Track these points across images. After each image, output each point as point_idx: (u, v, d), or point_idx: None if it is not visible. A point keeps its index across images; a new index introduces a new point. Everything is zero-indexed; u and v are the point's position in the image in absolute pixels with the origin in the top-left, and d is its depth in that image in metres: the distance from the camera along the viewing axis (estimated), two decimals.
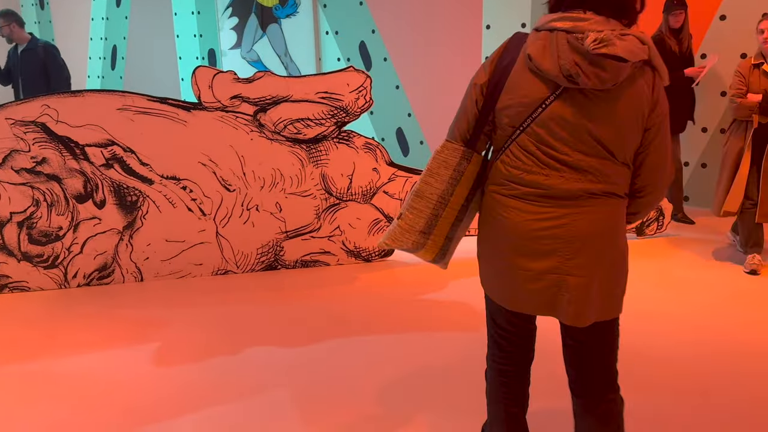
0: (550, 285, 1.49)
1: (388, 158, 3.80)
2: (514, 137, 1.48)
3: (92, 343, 2.81)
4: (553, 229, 1.46)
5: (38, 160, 3.36)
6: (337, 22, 6.78)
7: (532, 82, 1.44)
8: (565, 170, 1.44)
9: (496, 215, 1.53)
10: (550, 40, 1.41)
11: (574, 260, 1.46)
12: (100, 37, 9.38)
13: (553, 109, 1.42)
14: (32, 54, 6.39)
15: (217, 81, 3.48)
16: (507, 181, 1.51)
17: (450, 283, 3.50)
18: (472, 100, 1.56)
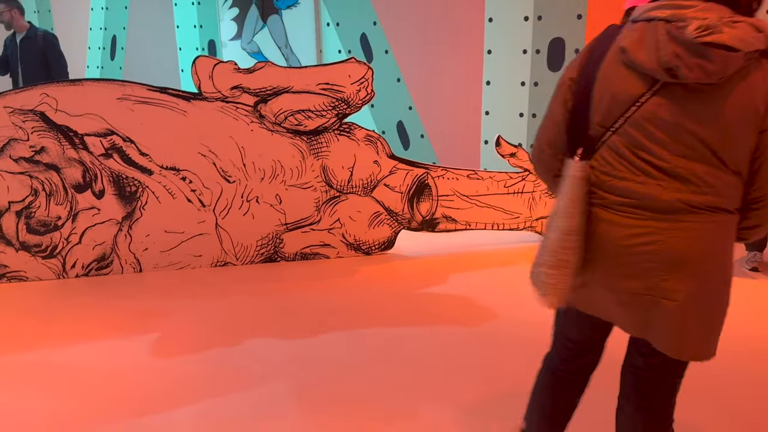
0: (642, 308, 1.34)
1: (389, 151, 3.78)
2: (605, 139, 1.34)
3: (90, 333, 2.80)
4: (648, 246, 1.30)
5: (37, 149, 3.33)
6: (339, 14, 6.74)
7: (625, 78, 1.30)
8: (662, 178, 1.28)
9: (593, 228, 1.37)
10: (647, 31, 1.28)
11: (669, 282, 1.30)
12: (99, 27, 9.32)
13: (649, 107, 1.28)
14: (31, 42, 6.35)
15: (218, 71, 3.45)
16: (596, 189, 1.37)
17: (451, 277, 3.49)
18: (559, 101, 1.43)
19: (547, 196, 3.98)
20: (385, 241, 3.89)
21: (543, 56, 5.47)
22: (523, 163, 3.90)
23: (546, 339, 1.79)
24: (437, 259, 3.80)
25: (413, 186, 3.83)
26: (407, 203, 3.85)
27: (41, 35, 6.50)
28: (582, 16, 5.21)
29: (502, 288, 3.30)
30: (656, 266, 1.30)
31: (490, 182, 3.91)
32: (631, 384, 1.50)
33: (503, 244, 4.04)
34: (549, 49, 5.42)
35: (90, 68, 9.61)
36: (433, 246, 4.00)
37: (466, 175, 3.87)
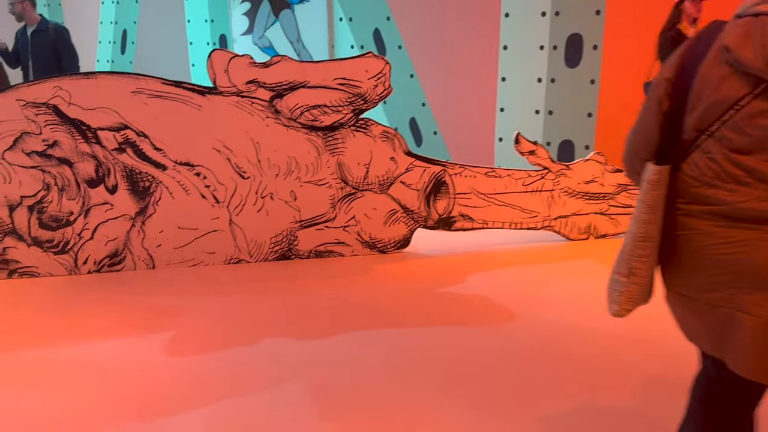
0: (718, 321, 1.26)
1: (405, 147, 3.71)
2: (698, 143, 1.27)
3: (104, 330, 2.75)
4: (732, 255, 1.23)
5: (49, 143, 3.28)
6: (351, 9, 6.67)
7: (726, 78, 1.22)
8: (754, 185, 1.20)
9: (676, 234, 1.32)
10: (754, 27, 1.18)
11: (752, 296, 1.21)
12: (110, 21, 9.28)
13: (749, 110, 1.19)
14: (43, 36, 6.31)
15: (233, 65, 3.39)
16: (682, 195, 1.30)
17: (468, 277, 3.42)
18: (654, 102, 1.35)
19: (567, 194, 3.90)
20: (401, 239, 3.83)
21: (560, 52, 5.38)
22: (542, 160, 3.82)
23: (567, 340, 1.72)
24: (454, 259, 3.73)
25: (430, 183, 3.76)
26: (424, 201, 3.78)
27: (53, 28, 6.46)
28: (600, 11, 5.12)
29: (521, 288, 3.23)
30: (738, 278, 1.23)
31: (509, 180, 3.83)
32: (698, 399, 1.40)
33: (521, 244, 3.97)
34: (567, 45, 5.33)
35: (100, 62, 9.58)
36: (449, 245, 3.93)
37: (484, 172, 3.79)
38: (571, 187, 3.91)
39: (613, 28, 5.07)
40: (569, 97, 5.41)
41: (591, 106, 5.33)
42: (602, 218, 4.01)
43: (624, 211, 4.02)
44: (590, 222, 4.00)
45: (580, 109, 5.39)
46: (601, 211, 3.99)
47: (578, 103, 5.38)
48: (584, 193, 3.93)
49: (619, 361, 2.42)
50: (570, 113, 5.44)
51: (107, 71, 3.35)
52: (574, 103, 5.40)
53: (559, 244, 3.96)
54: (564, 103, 5.43)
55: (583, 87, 5.33)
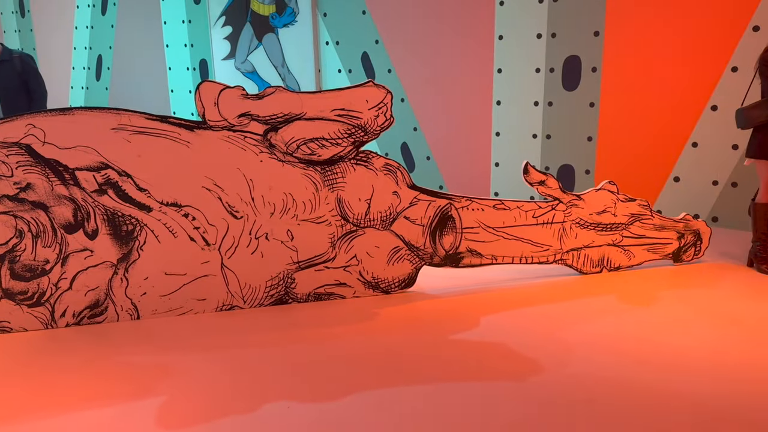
0: None
1: (409, 181, 3.48)
2: None
3: (85, 398, 2.44)
4: None
5: (22, 186, 2.98)
6: (338, 32, 6.47)
7: None
8: None
9: None
10: None
11: None
12: (84, 46, 8.98)
13: None
14: (9, 67, 5.98)
15: (224, 97, 3.14)
16: None
17: (482, 321, 3.18)
18: None
19: (578, 226, 3.70)
20: (406, 278, 3.58)
21: (557, 75, 5.23)
22: (552, 191, 3.62)
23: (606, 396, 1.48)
24: (464, 299, 3.49)
25: (435, 218, 3.53)
26: (429, 237, 3.54)
27: (18, 57, 6.13)
28: (599, 32, 4.98)
29: (542, 331, 3.00)
30: None
31: (518, 212, 3.62)
32: None
33: (533, 279, 3.75)
34: (564, 67, 5.18)
35: (74, 89, 9.25)
36: (457, 282, 3.69)
37: (492, 205, 3.57)
38: (583, 218, 3.71)
39: (613, 49, 4.93)
40: (568, 120, 5.25)
41: (591, 129, 5.17)
42: (615, 250, 3.81)
43: (637, 241, 3.83)
44: (603, 254, 3.80)
45: (579, 132, 5.23)
46: (614, 242, 3.80)
47: (577, 127, 5.23)
48: (596, 224, 3.73)
49: (672, 420, 2.19)
50: (569, 137, 5.28)
51: (85, 107, 3.07)
52: (573, 126, 5.24)
53: (572, 278, 3.75)
54: (562, 126, 5.28)
55: (583, 110, 5.18)
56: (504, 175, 5.69)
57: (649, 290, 3.55)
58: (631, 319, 3.12)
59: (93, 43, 8.78)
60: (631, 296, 3.48)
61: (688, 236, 3.93)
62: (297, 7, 6.64)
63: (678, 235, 3.91)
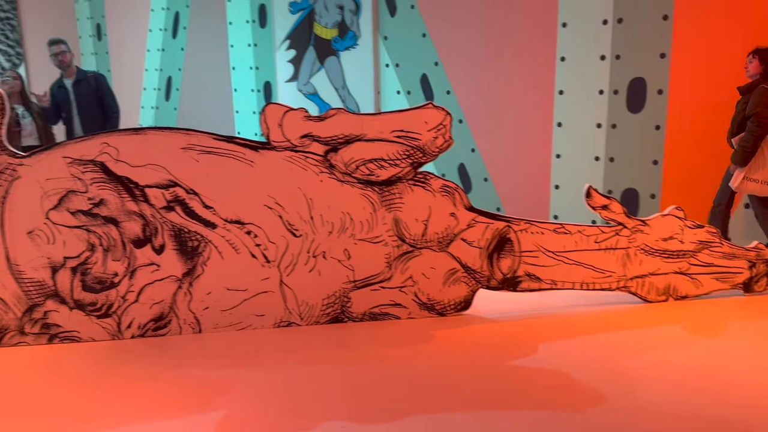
0: None
1: (467, 202, 3.46)
2: None
3: (148, 409, 2.51)
4: None
5: (96, 202, 3.13)
6: (398, 55, 6.55)
7: None
8: None
9: None
10: None
11: None
12: (155, 68, 9.40)
13: None
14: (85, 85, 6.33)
15: (288, 119, 3.22)
16: None
17: (540, 346, 3.11)
18: None
19: (643, 252, 3.58)
20: (462, 300, 3.54)
21: (622, 97, 5.11)
22: (616, 215, 3.52)
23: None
24: (521, 324, 3.42)
25: (493, 240, 3.49)
26: (486, 259, 3.50)
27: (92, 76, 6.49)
28: (666, 54, 4.86)
29: (603, 360, 2.90)
30: None
31: (579, 237, 3.53)
32: None
33: (594, 306, 3.64)
34: (628, 89, 5.07)
35: (145, 108, 9.69)
36: (515, 307, 3.63)
37: (553, 229, 3.51)
38: (648, 244, 3.58)
39: (680, 71, 4.79)
40: (632, 143, 5.12)
41: (657, 153, 5.02)
42: (682, 278, 3.66)
43: (706, 270, 3.67)
44: (669, 282, 3.65)
45: (644, 156, 5.09)
46: (681, 270, 3.65)
47: (642, 150, 5.08)
48: (662, 250, 3.60)
49: None
50: (633, 160, 5.14)
51: (157, 127, 3.22)
52: (637, 149, 5.10)
53: (636, 306, 3.62)
54: (626, 149, 5.14)
55: (648, 133, 5.04)
56: (564, 198, 5.58)
57: (718, 321, 3.39)
58: (698, 351, 2.99)
59: (164, 65, 9.19)
60: (698, 327, 3.33)
61: (760, 266, 3.74)
62: (359, 31, 6.76)
63: (749, 264, 3.73)
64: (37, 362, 3.02)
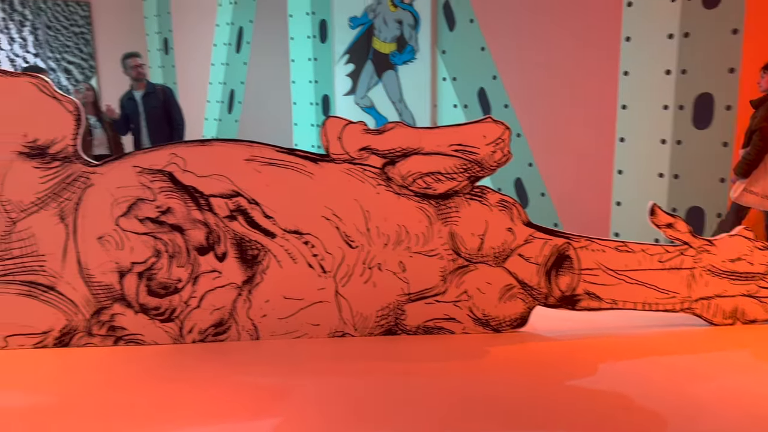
0: None
1: (525, 218, 3.42)
2: None
3: (207, 413, 2.58)
4: None
5: (163, 210, 3.26)
6: (456, 68, 6.56)
7: None
8: None
9: None
10: None
11: None
12: (219, 81, 9.73)
13: None
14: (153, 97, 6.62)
15: (347, 132, 3.28)
16: None
17: (600, 367, 3.03)
18: None
19: (709, 273, 3.45)
20: (518, 317, 3.49)
21: (687, 112, 4.96)
22: (681, 234, 3.41)
23: None
24: (580, 343, 3.35)
25: (552, 257, 3.43)
26: (544, 276, 3.45)
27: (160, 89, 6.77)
28: (735, 69, 4.69)
29: (668, 385, 2.80)
30: None
31: (642, 256, 3.44)
32: None
33: (657, 327, 3.53)
34: (695, 105, 4.91)
35: (208, 120, 10.03)
36: (573, 325, 3.55)
37: (614, 246, 3.42)
38: (715, 265, 3.45)
39: (750, 87, 4.61)
40: (698, 160, 4.96)
41: (724, 170, 4.84)
42: (751, 301, 3.51)
43: None
44: (737, 305, 3.50)
45: (711, 173, 4.91)
46: (750, 293, 3.50)
47: (709, 167, 4.91)
48: (730, 272, 3.46)
49: None
50: (700, 178, 4.97)
51: (222, 138, 3.33)
52: (704, 166, 4.93)
53: (701, 329, 3.49)
54: (693, 166, 4.98)
55: (715, 150, 4.87)
56: (626, 216, 5.44)
57: None
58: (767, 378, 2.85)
59: (227, 78, 9.49)
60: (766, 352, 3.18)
61: None
62: (417, 45, 6.82)
63: None
64: (102, 363, 3.15)
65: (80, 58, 11.02)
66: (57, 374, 3.03)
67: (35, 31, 10.48)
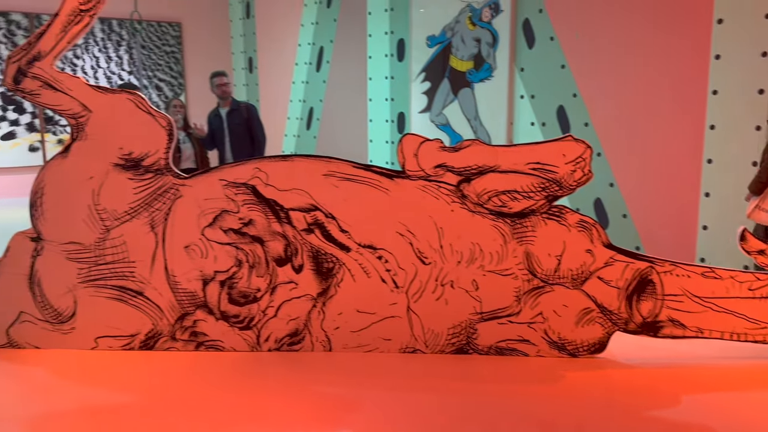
0: None
1: (605, 239, 3.32)
2: None
3: (280, 421, 2.65)
4: None
5: (245, 222, 3.39)
6: (535, 86, 6.48)
7: None
8: None
9: None
10: None
11: None
12: (299, 99, 10.04)
13: None
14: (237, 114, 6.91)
15: (423, 149, 3.30)
16: None
17: (684, 399, 2.89)
18: None
19: None
20: (596, 342, 3.38)
21: None
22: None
23: None
24: (662, 372, 3.20)
25: (633, 281, 3.31)
26: (625, 301, 3.33)
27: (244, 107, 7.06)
28: None
29: (755, 420, 2.63)
30: None
31: (731, 283, 3.26)
32: None
33: (746, 359, 3.32)
34: None
35: (288, 137, 10.35)
36: (654, 354, 3.40)
37: (701, 272, 3.26)
38: None
39: None
40: None
41: None
42: None
43: None
44: None
45: None
46: None
47: None
48: None
49: None
50: None
51: (302, 154, 3.44)
52: None
53: None
54: None
55: None
56: (713, 240, 5.17)
57: None
58: None
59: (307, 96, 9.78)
60: None
61: None
62: (494, 63, 6.80)
63: None
64: (184, 367, 3.29)
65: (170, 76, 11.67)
66: (142, 376, 3.20)
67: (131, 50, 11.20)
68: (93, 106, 3.47)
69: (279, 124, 10.37)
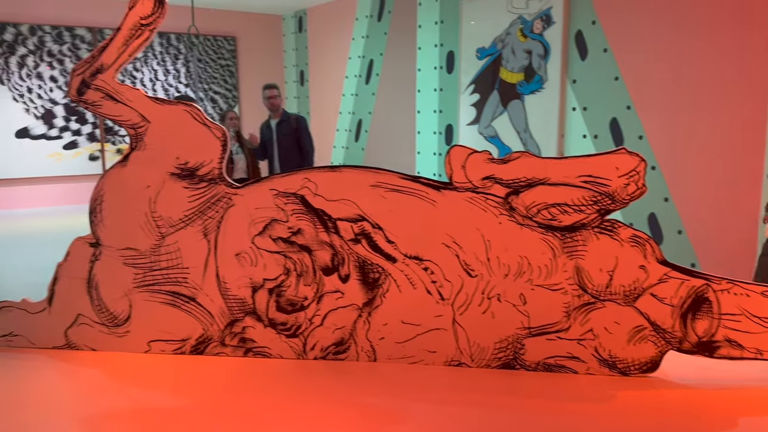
0: None
1: (660, 255, 3.22)
2: None
3: (325, 430, 2.66)
4: None
5: (294, 231, 3.45)
6: (587, 98, 6.37)
7: None
8: None
9: None
10: None
11: None
12: (348, 111, 10.16)
13: None
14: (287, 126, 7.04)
15: (471, 161, 3.29)
16: None
17: (741, 422, 2.76)
18: None
19: None
20: (648, 361, 3.27)
21: None
22: None
23: None
24: (718, 393, 3.07)
25: (689, 299, 3.19)
26: (680, 319, 3.21)
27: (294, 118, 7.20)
28: None
29: None
30: None
31: None
32: None
33: None
34: None
35: (336, 148, 10.48)
36: (710, 374, 3.27)
37: (761, 291, 3.12)
38: None
39: None
40: None
41: None
42: None
43: None
44: None
45: None
46: None
47: None
48: None
49: None
50: None
51: (350, 165, 3.48)
52: None
53: None
54: None
55: None
56: None
57: None
58: None
59: (356, 108, 9.89)
60: None
61: None
62: (545, 75, 6.72)
63: None
64: (233, 372, 3.36)
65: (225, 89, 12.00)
66: (193, 380, 3.28)
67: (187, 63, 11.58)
68: (151, 117, 3.60)
69: (328, 135, 10.51)
